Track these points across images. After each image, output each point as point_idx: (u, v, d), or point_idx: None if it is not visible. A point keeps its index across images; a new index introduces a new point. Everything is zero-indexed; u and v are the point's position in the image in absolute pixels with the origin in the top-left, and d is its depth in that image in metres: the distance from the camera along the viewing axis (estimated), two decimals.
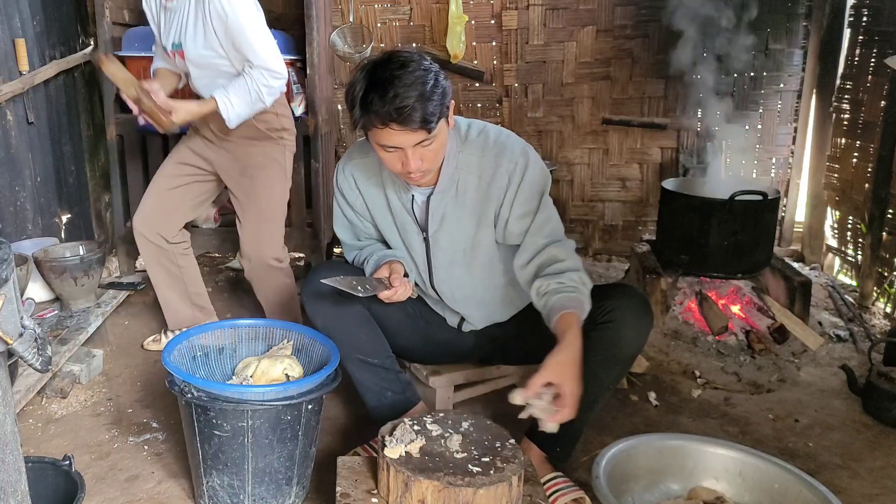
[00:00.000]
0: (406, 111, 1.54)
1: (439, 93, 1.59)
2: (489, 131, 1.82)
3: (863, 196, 3.41)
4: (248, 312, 3.09)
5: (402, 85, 1.54)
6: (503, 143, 1.79)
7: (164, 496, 1.86)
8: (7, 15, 2.71)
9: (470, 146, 1.79)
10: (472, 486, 1.39)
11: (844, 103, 3.61)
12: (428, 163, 1.66)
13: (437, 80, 1.60)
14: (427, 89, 1.56)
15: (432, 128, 1.59)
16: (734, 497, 1.68)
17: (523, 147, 1.81)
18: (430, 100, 1.56)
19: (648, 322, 1.80)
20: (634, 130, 3.92)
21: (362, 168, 1.88)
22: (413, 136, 1.59)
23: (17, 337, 0.99)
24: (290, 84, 3.20)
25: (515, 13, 3.82)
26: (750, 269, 2.86)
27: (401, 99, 1.54)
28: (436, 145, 1.65)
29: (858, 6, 3.51)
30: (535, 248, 1.78)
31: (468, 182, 1.79)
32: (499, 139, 1.80)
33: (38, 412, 2.25)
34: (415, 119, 1.55)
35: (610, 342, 1.75)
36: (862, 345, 2.81)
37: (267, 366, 1.78)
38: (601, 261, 4.02)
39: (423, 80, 1.56)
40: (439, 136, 1.65)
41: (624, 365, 1.82)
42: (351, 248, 2.01)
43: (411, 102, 1.54)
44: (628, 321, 1.75)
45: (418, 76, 1.57)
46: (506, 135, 1.83)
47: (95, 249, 2.61)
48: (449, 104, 1.65)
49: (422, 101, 1.55)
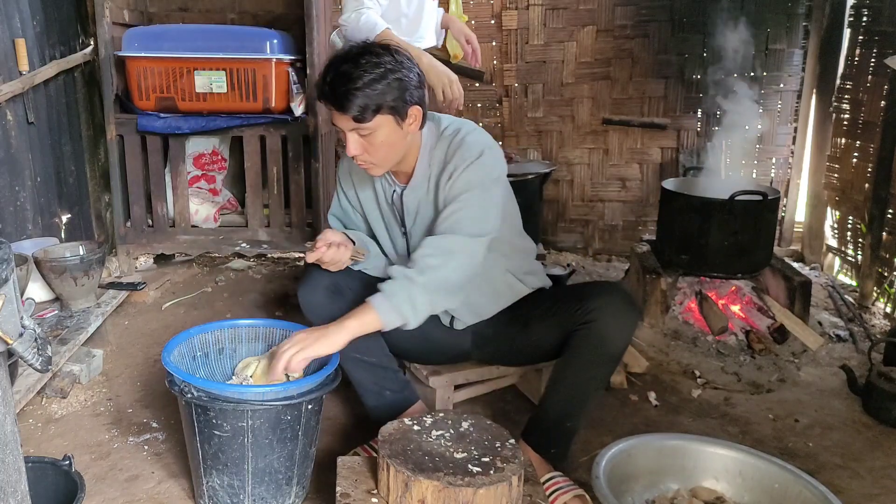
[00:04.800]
0: (337, 93, 1.63)
1: (382, 88, 1.64)
2: (461, 128, 1.82)
3: (863, 196, 3.41)
4: (248, 312, 3.09)
5: (347, 70, 1.63)
6: (465, 140, 1.79)
7: (164, 496, 1.86)
8: (7, 15, 2.71)
9: (442, 141, 1.82)
10: (472, 486, 1.39)
11: (844, 103, 3.61)
12: (370, 155, 1.72)
13: (388, 77, 1.65)
14: (369, 80, 1.63)
15: (360, 118, 1.65)
16: (734, 497, 1.68)
17: (482, 148, 1.77)
18: (363, 91, 1.62)
19: (632, 318, 1.79)
20: (634, 130, 3.92)
21: None
22: (345, 121, 1.67)
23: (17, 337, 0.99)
24: (291, 84, 3.20)
25: (515, 13, 3.82)
26: (750, 269, 2.86)
27: (339, 81, 1.63)
28: (377, 139, 1.70)
29: (858, 6, 3.51)
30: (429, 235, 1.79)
31: (438, 177, 1.81)
32: (466, 136, 1.80)
33: (38, 412, 2.25)
34: (345, 105, 1.64)
35: (594, 342, 1.75)
36: (862, 345, 2.81)
37: (267, 366, 1.78)
38: (601, 261, 4.02)
39: (369, 72, 1.63)
40: (380, 132, 1.69)
41: (611, 363, 1.82)
42: None
43: (346, 87, 1.62)
44: (610, 320, 1.74)
45: (369, 68, 1.63)
46: (474, 135, 1.81)
47: (95, 249, 2.61)
48: (402, 107, 1.68)
49: (359, 89, 1.62)
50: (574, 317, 1.78)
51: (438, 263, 1.70)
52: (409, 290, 1.67)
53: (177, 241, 3.37)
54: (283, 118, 3.18)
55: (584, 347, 1.76)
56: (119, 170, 3.28)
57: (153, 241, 3.37)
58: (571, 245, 4.09)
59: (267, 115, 3.18)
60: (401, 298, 1.66)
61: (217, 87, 3.11)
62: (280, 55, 3.12)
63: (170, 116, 3.14)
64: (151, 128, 3.16)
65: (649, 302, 2.86)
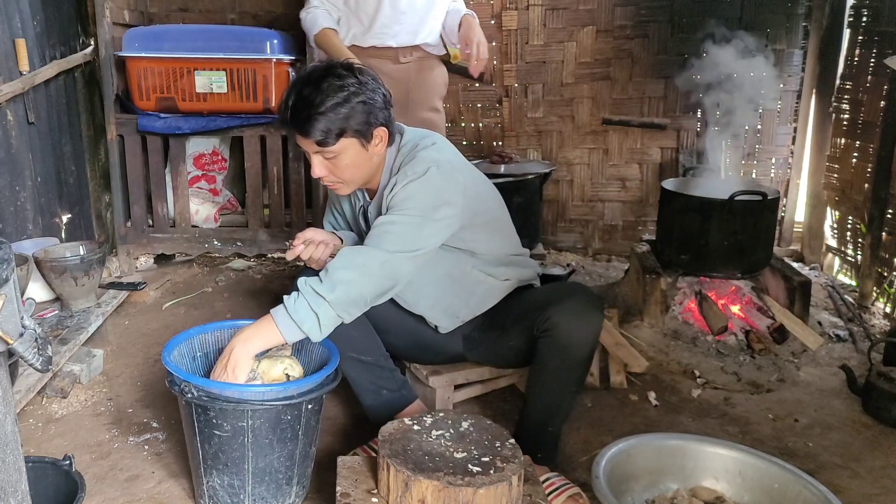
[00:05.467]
0: (298, 118, 1.64)
1: (346, 112, 1.64)
2: (419, 143, 1.81)
3: (862, 196, 3.41)
4: (249, 313, 3.09)
5: (309, 95, 1.63)
6: (416, 156, 1.76)
7: (165, 496, 1.86)
8: (7, 15, 2.71)
9: (399, 157, 1.83)
10: (472, 485, 1.39)
11: (844, 103, 3.61)
12: (336, 175, 1.74)
13: (352, 100, 1.64)
14: (331, 105, 1.62)
15: (325, 143, 1.65)
16: (734, 497, 1.68)
17: (429, 166, 1.73)
18: (327, 115, 1.62)
19: (593, 320, 1.78)
20: (634, 130, 3.92)
21: None
22: (308, 144, 1.68)
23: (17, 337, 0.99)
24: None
25: (515, 13, 3.82)
26: (750, 269, 2.86)
27: (300, 105, 1.63)
28: (344, 162, 1.70)
29: (858, 6, 3.51)
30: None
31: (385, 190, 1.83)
32: (417, 153, 1.77)
33: (39, 412, 2.25)
34: (307, 130, 1.64)
35: (557, 350, 1.76)
36: (862, 345, 2.81)
37: (267, 366, 1.78)
38: (601, 261, 4.02)
39: (332, 97, 1.63)
40: (345, 155, 1.69)
41: (579, 367, 1.82)
42: None
43: (308, 112, 1.63)
44: (569, 325, 1.74)
45: (331, 92, 1.63)
46: (429, 151, 1.78)
47: (96, 249, 2.61)
48: (367, 130, 1.68)
49: (322, 114, 1.62)
50: (536, 324, 1.79)
51: (351, 279, 1.65)
52: (317, 306, 1.62)
53: (177, 241, 3.37)
54: None
55: (548, 356, 1.78)
56: (119, 170, 3.29)
57: (153, 241, 3.37)
58: (571, 245, 4.09)
59: (267, 116, 3.18)
60: (304, 315, 1.62)
61: (217, 88, 3.11)
62: (280, 55, 3.12)
63: (170, 116, 3.14)
64: (152, 128, 3.16)
65: (649, 302, 2.87)
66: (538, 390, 1.84)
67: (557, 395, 1.83)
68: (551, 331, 1.75)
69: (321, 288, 1.63)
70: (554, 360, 1.78)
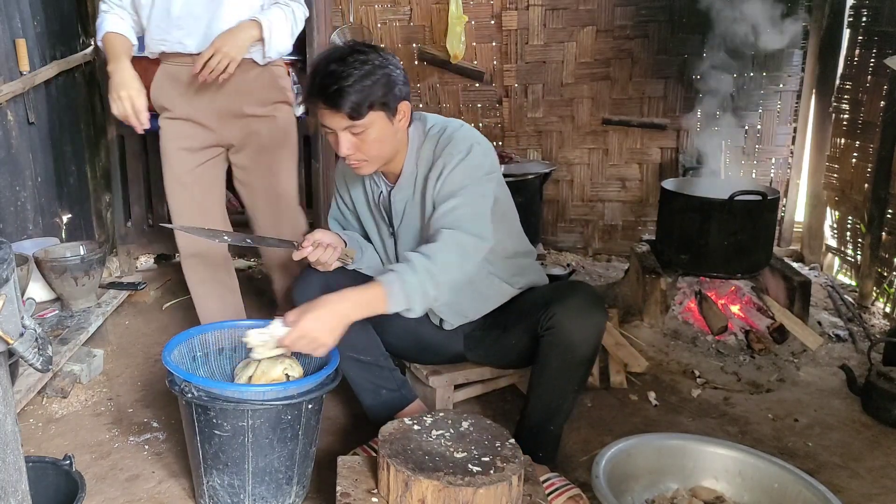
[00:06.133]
0: (330, 91, 1.62)
1: (372, 84, 1.64)
2: (447, 126, 1.82)
3: (862, 196, 3.41)
4: (248, 312, 3.09)
5: (336, 69, 1.63)
6: (452, 136, 1.78)
7: (165, 496, 1.86)
8: (7, 15, 2.71)
9: (429, 140, 1.82)
10: (472, 485, 1.39)
11: (844, 103, 3.61)
12: (363, 153, 1.71)
13: (377, 73, 1.65)
14: (359, 76, 1.62)
15: (356, 115, 1.64)
16: (734, 497, 1.68)
17: (471, 143, 1.76)
18: (355, 87, 1.62)
19: (596, 318, 1.78)
20: (634, 130, 3.92)
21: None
22: (339, 119, 1.65)
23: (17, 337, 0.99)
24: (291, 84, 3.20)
25: (515, 13, 3.82)
26: (749, 269, 2.86)
27: (331, 79, 1.62)
28: (371, 136, 1.69)
29: (858, 6, 3.51)
30: (432, 232, 1.74)
31: (426, 176, 1.81)
32: (454, 133, 1.79)
33: (39, 412, 2.25)
34: (339, 103, 1.62)
35: (560, 347, 1.75)
36: (861, 345, 2.81)
37: (267, 366, 1.78)
38: (601, 261, 4.02)
39: (359, 69, 1.63)
40: (373, 129, 1.68)
41: (581, 365, 1.81)
42: None
43: (339, 85, 1.61)
44: (572, 323, 1.74)
45: (357, 65, 1.63)
46: (463, 131, 1.80)
47: (96, 249, 2.61)
48: (394, 103, 1.69)
49: (351, 86, 1.61)
50: (539, 323, 1.79)
51: (455, 262, 1.65)
52: (425, 281, 1.60)
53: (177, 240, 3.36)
54: None
55: (551, 355, 1.77)
56: (119, 170, 3.28)
57: (153, 240, 3.37)
58: (571, 245, 4.09)
59: None
60: (413, 287, 1.59)
61: None
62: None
63: None
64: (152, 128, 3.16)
65: (649, 302, 2.87)
66: (540, 389, 1.84)
67: (559, 394, 1.83)
68: (554, 329, 1.75)
69: (433, 268, 1.61)
70: (556, 359, 1.77)
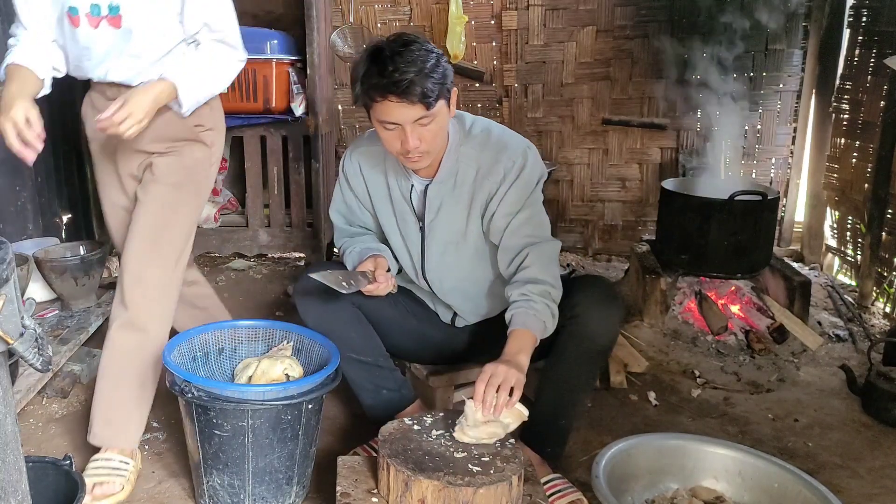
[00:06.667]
0: (404, 83, 1.58)
1: (440, 73, 1.63)
2: (492, 128, 1.84)
3: (862, 196, 3.41)
4: (248, 313, 3.09)
5: (403, 60, 1.59)
6: (505, 141, 1.81)
7: (165, 496, 1.86)
8: (7, 15, 2.71)
9: (472, 140, 1.81)
10: (472, 485, 1.39)
11: (844, 103, 3.61)
12: (426, 144, 1.68)
13: (438, 61, 1.64)
14: (427, 66, 1.60)
15: (430, 104, 1.62)
16: (734, 497, 1.68)
17: (525, 147, 1.80)
18: (429, 76, 1.60)
19: (615, 312, 1.80)
20: (634, 131, 3.92)
21: (368, 156, 1.91)
22: (412, 111, 1.62)
23: (17, 337, 0.99)
24: (291, 84, 3.21)
25: (515, 13, 3.82)
26: (749, 269, 2.86)
27: (400, 72, 1.58)
28: (434, 126, 1.67)
29: (858, 6, 3.51)
30: (514, 249, 1.78)
31: (466, 175, 1.80)
32: (502, 137, 1.82)
33: (39, 412, 2.25)
34: (413, 92, 1.59)
35: (579, 338, 1.76)
36: (861, 345, 2.81)
37: (267, 366, 1.79)
38: (601, 261, 4.02)
39: (423, 59, 1.61)
40: (438, 118, 1.67)
41: (599, 357, 1.82)
42: (342, 232, 2.03)
43: (410, 76, 1.58)
44: (594, 315, 1.75)
45: (419, 55, 1.61)
46: (509, 134, 1.84)
47: (96, 249, 2.61)
48: (450, 88, 1.68)
49: (421, 76, 1.59)
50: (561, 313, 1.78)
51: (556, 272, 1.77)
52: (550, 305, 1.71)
53: None
54: (284, 118, 3.19)
55: (569, 345, 1.77)
56: None
57: None
58: (571, 245, 4.09)
59: (267, 116, 3.18)
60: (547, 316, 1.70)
61: None
62: (280, 55, 3.12)
63: None
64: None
65: (649, 302, 2.87)
66: (553, 382, 1.83)
67: (573, 386, 1.82)
68: (574, 319, 1.75)
69: (552, 289, 1.72)
70: (573, 350, 1.77)
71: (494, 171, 1.78)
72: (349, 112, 3.95)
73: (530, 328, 1.66)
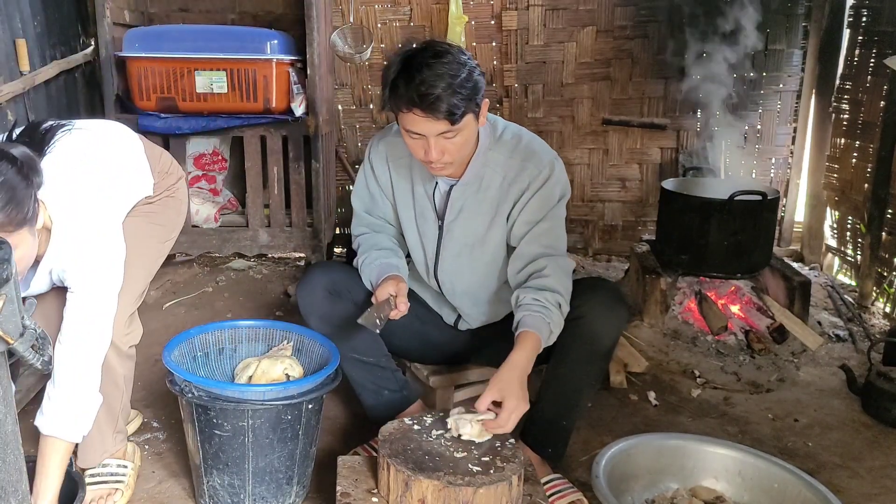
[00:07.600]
0: (430, 99, 1.55)
1: (469, 87, 1.60)
2: (522, 135, 1.84)
3: (862, 196, 3.41)
4: (248, 313, 3.10)
5: (432, 73, 1.56)
6: (534, 149, 1.81)
7: (165, 496, 1.87)
8: (8, 15, 2.71)
9: (501, 146, 1.81)
10: (472, 485, 1.39)
11: (844, 103, 3.61)
12: (449, 155, 1.67)
13: (470, 75, 1.61)
14: (456, 81, 1.57)
15: (456, 120, 1.59)
16: (734, 497, 1.68)
17: (552, 158, 1.81)
18: (457, 92, 1.57)
19: (620, 312, 1.80)
20: (634, 131, 3.92)
21: (395, 146, 1.88)
22: (436, 125, 1.60)
23: (17, 337, 0.99)
24: (291, 84, 3.21)
25: (515, 13, 3.82)
26: (749, 269, 2.86)
27: (426, 86, 1.55)
28: (459, 139, 1.65)
29: (858, 6, 3.51)
30: (529, 256, 1.78)
31: (492, 180, 1.80)
32: (530, 145, 1.82)
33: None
34: (438, 108, 1.56)
35: (583, 338, 1.76)
36: (861, 345, 2.81)
37: (267, 366, 1.79)
38: (601, 261, 4.02)
39: (453, 73, 1.57)
40: (465, 131, 1.65)
41: (602, 359, 1.82)
42: (360, 220, 2.00)
43: (437, 91, 1.55)
44: (598, 315, 1.75)
45: (450, 67, 1.58)
46: (539, 142, 1.84)
47: None
48: (481, 102, 1.66)
49: (448, 91, 1.56)
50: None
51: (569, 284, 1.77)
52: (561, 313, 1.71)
53: (177, 240, 3.36)
54: (284, 118, 3.19)
55: (573, 345, 1.77)
56: None
57: None
58: (571, 245, 4.08)
59: (267, 116, 3.18)
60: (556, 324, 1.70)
61: (217, 88, 3.11)
62: (280, 55, 3.12)
63: (170, 117, 3.14)
64: (152, 128, 3.16)
65: (649, 302, 2.87)
66: (556, 382, 1.83)
67: (575, 387, 1.82)
68: (579, 320, 1.74)
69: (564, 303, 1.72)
70: (577, 350, 1.77)
71: (520, 178, 1.78)
72: (349, 112, 3.95)
73: (541, 334, 1.66)
